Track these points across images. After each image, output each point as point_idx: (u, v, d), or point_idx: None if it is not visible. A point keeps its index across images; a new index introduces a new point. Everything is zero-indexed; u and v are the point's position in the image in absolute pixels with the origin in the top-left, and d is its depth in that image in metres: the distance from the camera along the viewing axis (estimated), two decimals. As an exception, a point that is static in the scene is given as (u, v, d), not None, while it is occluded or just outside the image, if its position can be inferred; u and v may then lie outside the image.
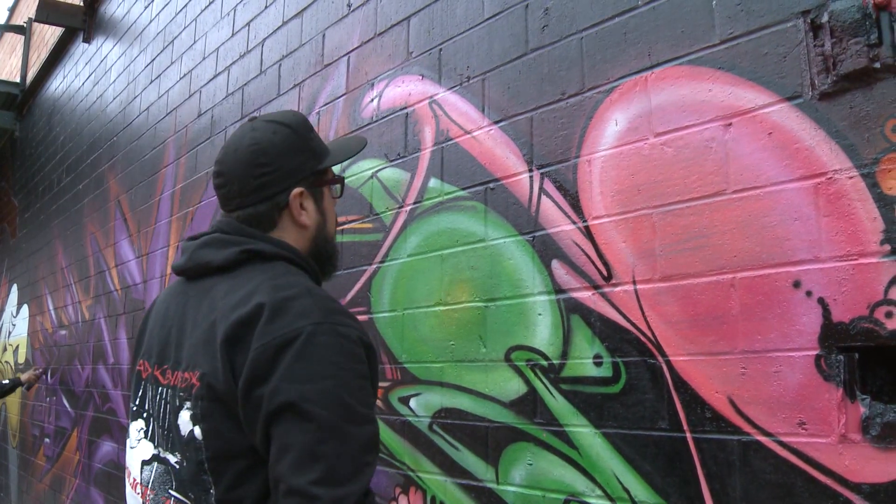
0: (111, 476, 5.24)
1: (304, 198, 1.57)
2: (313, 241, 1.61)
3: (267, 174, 1.53)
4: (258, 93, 3.82)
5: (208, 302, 1.46)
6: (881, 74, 1.53)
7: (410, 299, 2.62)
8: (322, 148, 1.65)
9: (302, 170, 1.58)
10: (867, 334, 1.51)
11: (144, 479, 1.50)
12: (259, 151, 1.54)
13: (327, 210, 1.64)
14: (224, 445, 1.35)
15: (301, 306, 1.35)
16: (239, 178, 1.55)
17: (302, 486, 1.23)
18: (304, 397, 1.27)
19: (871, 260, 1.51)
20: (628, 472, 1.90)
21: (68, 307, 6.64)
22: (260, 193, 1.54)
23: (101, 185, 6.06)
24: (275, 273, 1.45)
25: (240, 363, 1.32)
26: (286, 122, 1.60)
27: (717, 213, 1.77)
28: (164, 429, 1.46)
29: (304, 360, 1.29)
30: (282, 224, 1.57)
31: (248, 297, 1.38)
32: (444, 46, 2.63)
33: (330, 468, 1.25)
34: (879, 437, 1.47)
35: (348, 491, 1.25)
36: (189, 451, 1.38)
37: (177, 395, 1.42)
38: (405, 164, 2.73)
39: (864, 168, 1.54)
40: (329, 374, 1.30)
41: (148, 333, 1.63)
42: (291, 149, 1.57)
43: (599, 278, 2.01)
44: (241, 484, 1.34)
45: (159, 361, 1.52)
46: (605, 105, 2.05)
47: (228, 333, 1.34)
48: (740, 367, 1.70)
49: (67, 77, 7.65)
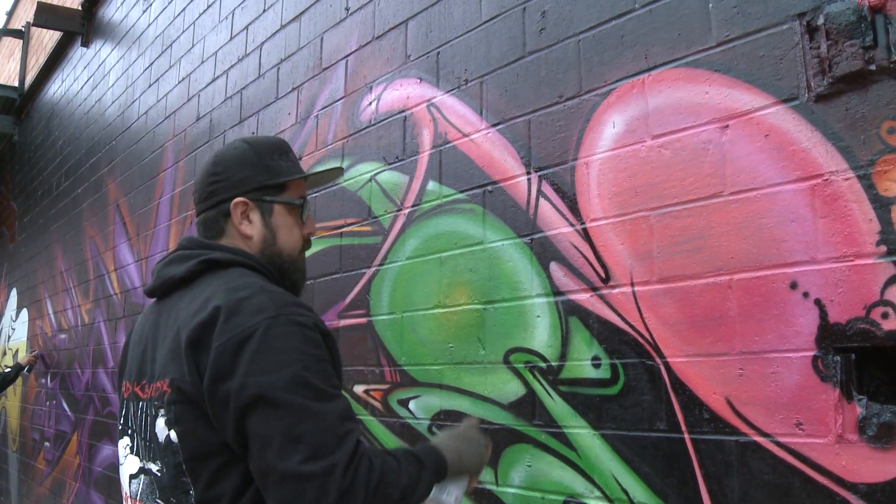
0: (111, 479, 5.24)
1: (248, 209, 1.65)
2: (261, 253, 1.66)
3: (216, 182, 1.66)
4: (256, 96, 3.83)
5: (174, 314, 1.53)
6: (876, 76, 1.54)
7: (409, 302, 2.62)
8: (284, 169, 1.71)
9: (247, 182, 1.65)
10: (863, 335, 1.52)
11: (133, 492, 1.58)
12: (215, 162, 1.69)
13: (278, 225, 1.68)
14: (198, 446, 1.40)
15: (256, 303, 1.40)
16: (199, 185, 1.70)
17: (292, 469, 1.28)
18: (271, 387, 1.32)
19: (868, 261, 1.52)
20: (627, 473, 1.91)
21: (68, 311, 6.64)
22: (210, 200, 1.67)
23: (100, 189, 6.06)
24: (230, 278, 1.52)
25: (203, 364, 1.38)
26: (252, 141, 1.72)
27: (714, 215, 1.78)
28: (145, 441, 1.52)
29: (265, 352, 1.35)
30: (228, 232, 1.66)
31: (206, 301, 1.44)
32: (441, 49, 2.64)
33: (313, 444, 1.30)
34: (876, 438, 1.47)
35: (336, 459, 1.30)
36: (167, 456, 1.44)
37: (152, 405, 1.49)
38: (404, 167, 2.74)
39: (860, 170, 1.55)
40: (291, 361, 1.35)
41: (129, 356, 1.70)
42: (242, 162, 1.67)
43: (597, 280, 2.02)
44: (217, 481, 1.39)
45: (138, 378, 1.59)
46: (602, 107, 2.06)
47: (191, 337, 1.40)
48: (738, 368, 1.71)
49: (66, 81, 7.66)
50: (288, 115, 3.51)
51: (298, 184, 1.75)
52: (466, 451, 1.67)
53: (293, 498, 1.29)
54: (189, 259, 1.60)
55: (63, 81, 7.77)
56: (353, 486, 1.31)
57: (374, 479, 1.35)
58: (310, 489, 1.28)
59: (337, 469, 1.30)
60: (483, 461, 1.74)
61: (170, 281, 1.61)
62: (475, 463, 1.70)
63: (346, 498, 1.30)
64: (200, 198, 1.69)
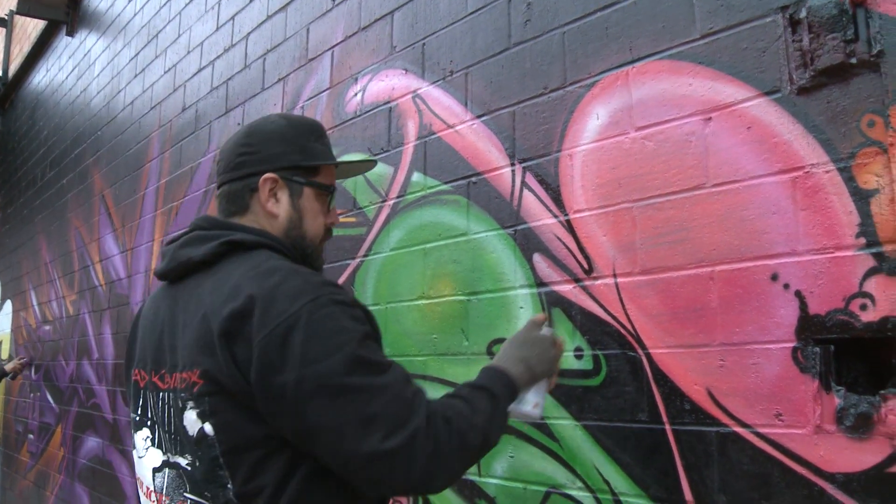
0: (96, 472, 5.23)
1: (277, 187, 1.58)
2: (286, 235, 1.59)
3: (246, 154, 1.59)
4: (242, 87, 3.82)
5: (195, 300, 1.45)
6: (857, 70, 1.55)
7: (394, 293, 2.62)
8: (319, 152, 1.66)
9: (280, 159, 1.59)
10: (843, 326, 1.53)
11: (157, 486, 1.49)
12: (248, 133, 1.62)
13: (305, 209, 1.62)
14: (237, 438, 1.34)
15: (292, 288, 1.35)
16: (227, 154, 1.62)
17: (375, 449, 1.26)
18: (329, 374, 1.28)
19: (847, 253, 1.53)
20: (608, 463, 1.92)
21: (52, 302, 6.61)
22: (237, 171, 1.59)
23: (86, 180, 6.03)
24: (258, 261, 1.44)
25: (242, 356, 1.31)
26: (290, 118, 1.67)
27: (696, 207, 1.79)
28: (170, 433, 1.45)
29: (314, 338, 1.29)
30: (253, 208, 1.59)
31: (237, 289, 1.37)
32: (427, 41, 2.64)
33: (388, 420, 1.28)
34: (853, 428, 1.49)
35: (415, 426, 1.29)
36: (201, 450, 1.37)
37: (178, 397, 1.41)
38: (389, 159, 2.74)
39: (841, 162, 1.55)
40: (342, 343, 1.31)
41: (139, 342, 1.62)
42: (277, 138, 1.61)
43: (580, 272, 2.03)
44: (258, 474, 1.34)
45: (156, 367, 1.51)
46: (586, 99, 2.06)
47: (224, 327, 1.33)
48: (719, 359, 1.72)
49: (51, 71, 7.60)
50: (274, 106, 3.50)
51: (329, 170, 1.70)
52: (533, 356, 1.63)
53: (383, 477, 1.29)
54: (209, 240, 1.51)
55: (48, 71, 7.72)
56: (437, 449, 1.30)
57: (453, 433, 1.34)
58: (398, 464, 1.27)
59: (418, 436, 1.28)
60: (555, 359, 1.69)
61: (187, 264, 1.51)
62: (546, 366, 1.66)
63: (434, 462, 1.30)
64: (227, 167, 1.61)
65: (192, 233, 1.56)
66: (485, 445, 1.42)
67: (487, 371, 1.57)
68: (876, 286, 1.49)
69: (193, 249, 1.51)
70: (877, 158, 1.50)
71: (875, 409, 1.46)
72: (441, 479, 1.35)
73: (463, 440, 1.36)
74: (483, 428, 1.41)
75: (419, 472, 1.29)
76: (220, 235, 1.51)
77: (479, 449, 1.42)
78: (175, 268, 1.54)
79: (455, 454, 1.34)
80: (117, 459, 4.85)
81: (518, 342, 1.67)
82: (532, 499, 2.09)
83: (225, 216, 1.61)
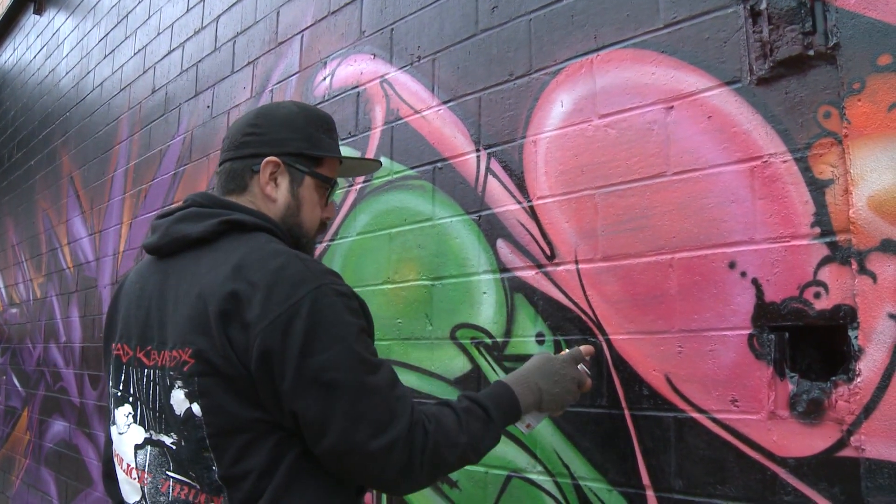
0: (62, 455, 5.19)
1: (279, 172, 1.58)
2: (282, 221, 1.58)
3: (252, 134, 1.59)
4: (212, 70, 3.79)
5: (190, 277, 1.43)
6: (814, 62, 1.56)
7: (359, 277, 2.62)
8: (325, 144, 1.66)
9: (286, 144, 1.59)
10: (797, 314, 1.55)
11: (139, 463, 1.48)
12: (259, 114, 1.63)
13: (304, 198, 1.62)
14: (226, 421, 1.34)
15: (294, 274, 1.35)
16: (234, 132, 1.62)
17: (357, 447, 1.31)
18: (326, 367, 1.31)
19: (802, 242, 1.55)
20: (568, 448, 1.94)
21: (19, 285, 6.54)
22: (241, 150, 1.59)
23: (54, 162, 5.96)
24: (259, 243, 1.43)
25: (238, 339, 1.32)
26: (303, 106, 1.68)
27: (657, 195, 1.80)
28: (154, 411, 1.44)
29: (315, 329, 1.31)
30: (251, 189, 1.58)
31: (237, 270, 1.36)
32: (395, 26, 2.63)
33: (371, 421, 1.32)
34: (805, 413, 1.51)
35: (397, 431, 1.33)
36: (187, 430, 1.37)
37: (166, 374, 1.40)
38: (356, 143, 2.73)
39: (798, 152, 1.57)
40: (341, 336, 1.33)
41: (122, 315, 1.59)
42: (287, 123, 1.61)
43: (543, 258, 2.04)
44: (243, 458, 1.34)
45: (141, 343, 1.49)
46: (551, 86, 2.07)
47: (222, 308, 1.32)
48: (677, 345, 1.74)
49: (18, 50, 7.50)
50: (243, 89, 3.47)
51: (332, 164, 1.69)
52: (551, 392, 1.64)
53: (355, 472, 1.37)
54: (207, 217, 1.48)
55: (15, 50, 7.61)
56: (411, 461, 1.35)
57: (428, 447, 1.37)
58: (372, 466, 1.33)
59: (397, 444, 1.33)
60: (569, 400, 1.69)
61: (183, 240, 1.48)
62: (558, 405, 1.67)
63: (405, 474, 1.35)
64: (231, 145, 1.61)
65: (189, 209, 1.53)
66: (461, 463, 1.47)
67: (499, 388, 1.60)
68: (829, 275, 1.51)
69: (190, 226, 1.49)
70: (832, 149, 1.52)
71: (826, 395, 1.49)
72: (408, 487, 1.42)
73: (438, 457, 1.39)
74: (465, 446, 1.44)
75: (389, 478, 1.35)
76: (218, 213, 1.49)
77: (454, 466, 1.46)
78: (168, 243, 1.51)
79: (426, 469, 1.38)
80: (84, 443, 4.82)
81: (547, 371, 1.66)
82: (494, 483, 2.11)
83: (222, 193, 1.60)
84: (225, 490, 1.35)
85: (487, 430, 1.50)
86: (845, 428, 1.45)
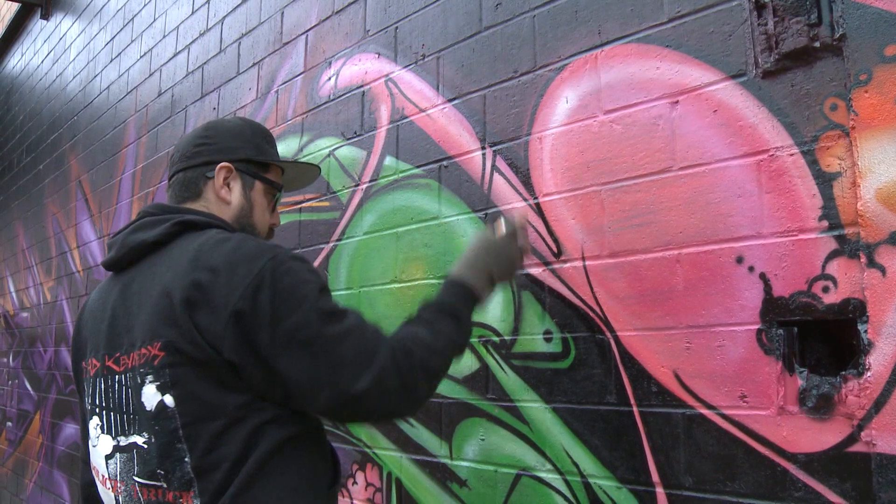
0: (74, 458, 5.21)
1: (231, 176, 1.68)
2: (236, 221, 1.67)
3: (203, 144, 1.69)
4: (217, 72, 3.79)
5: (151, 278, 1.49)
6: (820, 53, 1.55)
7: (366, 277, 2.62)
8: (271, 153, 1.78)
9: (237, 151, 1.70)
10: (805, 308, 1.54)
11: (111, 473, 1.51)
12: (208, 127, 1.74)
13: (255, 201, 1.72)
14: (199, 408, 1.38)
15: (249, 250, 1.42)
16: (184, 145, 1.72)
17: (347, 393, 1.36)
18: (297, 328, 1.36)
19: (810, 235, 1.54)
20: (577, 445, 1.93)
21: (30, 289, 6.56)
22: (194, 160, 1.68)
23: (62, 166, 5.98)
24: (210, 236, 1.49)
25: (205, 324, 1.36)
26: (246, 119, 1.81)
27: (663, 190, 1.79)
28: (126, 414, 1.46)
29: (279, 295, 1.37)
30: (206, 195, 1.68)
31: (194, 261, 1.42)
32: (400, 25, 2.62)
33: (355, 362, 1.37)
34: (815, 409, 1.50)
35: (381, 363, 1.39)
36: (159, 424, 1.40)
37: (136, 374, 1.43)
38: (361, 143, 2.73)
39: (805, 145, 1.56)
40: (304, 295, 1.39)
41: (88, 333, 1.64)
42: (234, 133, 1.72)
43: (549, 255, 2.03)
44: (218, 446, 1.37)
45: (109, 352, 1.52)
46: (556, 83, 2.06)
47: (187, 297, 1.38)
48: (685, 341, 1.73)
49: (25, 55, 7.52)
50: (249, 91, 3.48)
51: (277, 173, 1.80)
52: (495, 264, 1.71)
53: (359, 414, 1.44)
54: (161, 223, 1.56)
55: (23, 55, 7.64)
56: (403, 381, 1.40)
57: (416, 365, 1.43)
58: (372, 401, 1.38)
59: (385, 374, 1.38)
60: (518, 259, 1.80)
61: (139, 247, 1.55)
62: (509, 271, 1.77)
63: (402, 394, 1.42)
64: (182, 157, 1.69)
65: (143, 219, 1.61)
66: (448, 363, 1.55)
67: (450, 286, 1.64)
68: (838, 268, 1.50)
69: (145, 233, 1.56)
70: (839, 142, 1.51)
71: (836, 389, 1.48)
72: (412, 405, 1.48)
73: (426, 368, 1.46)
74: (445, 348, 1.52)
75: (392, 405, 1.42)
76: (170, 218, 1.58)
77: (444, 369, 1.54)
78: (126, 254, 1.58)
79: (420, 382, 1.44)
80: (95, 446, 4.82)
81: (481, 250, 1.73)
82: (503, 481, 2.10)
83: (176, 202, 1.69)
84: (196, 483, 1.38)
85: (460, 326, 1.58)
86: (856, 423, 1.44)
